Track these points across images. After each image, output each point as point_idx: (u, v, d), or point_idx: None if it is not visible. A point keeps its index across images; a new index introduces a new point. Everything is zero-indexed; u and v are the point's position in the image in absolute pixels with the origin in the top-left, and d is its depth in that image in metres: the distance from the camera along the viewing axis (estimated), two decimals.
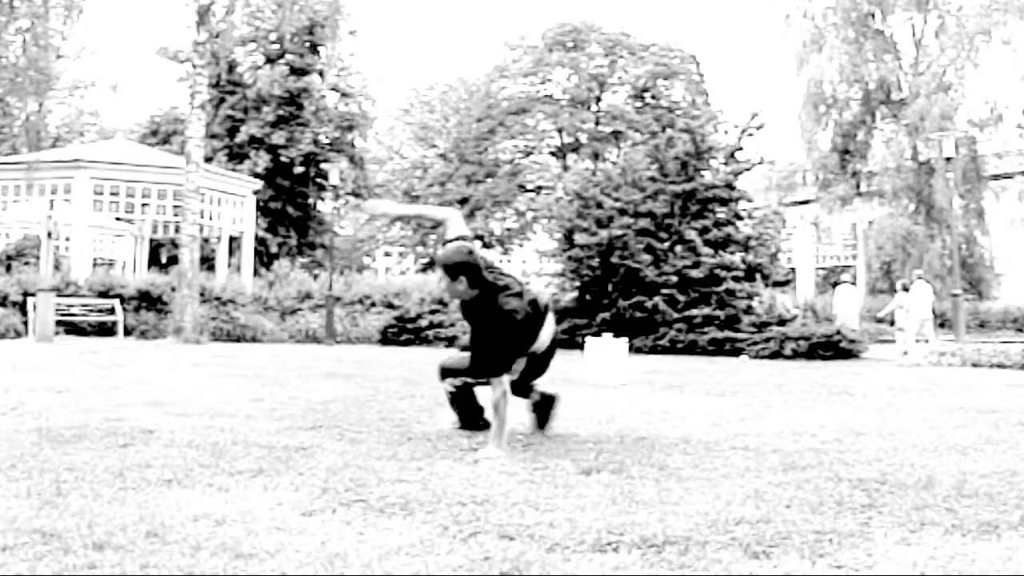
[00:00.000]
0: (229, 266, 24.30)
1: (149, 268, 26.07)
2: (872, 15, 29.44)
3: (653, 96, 43.65)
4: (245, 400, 6.00)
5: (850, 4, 29.07)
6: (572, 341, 14.52)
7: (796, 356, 13.60)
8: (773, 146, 53.05)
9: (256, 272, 24.20)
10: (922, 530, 2.68)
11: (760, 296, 16.31)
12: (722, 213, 16.67)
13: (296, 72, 34.95)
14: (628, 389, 7.50)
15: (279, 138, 34.03)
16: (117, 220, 24.63)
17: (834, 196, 29.97)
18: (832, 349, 13.72)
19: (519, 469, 3.57)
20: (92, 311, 17.90)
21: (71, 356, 10.70)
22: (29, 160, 21.81)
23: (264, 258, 30.49)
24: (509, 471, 3.52)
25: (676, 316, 15.31)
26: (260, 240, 29.92)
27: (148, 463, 3.55)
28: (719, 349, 14.75)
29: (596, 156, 41.97)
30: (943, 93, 27.30)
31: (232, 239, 24.21)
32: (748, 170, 17.29)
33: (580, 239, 15.95)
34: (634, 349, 12.45)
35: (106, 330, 17.65)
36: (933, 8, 28.97)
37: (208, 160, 25.21)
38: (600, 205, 16.26)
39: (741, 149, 17.07)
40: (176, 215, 20.12)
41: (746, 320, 15.39)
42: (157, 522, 2.59)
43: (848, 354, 13.80)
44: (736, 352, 14.46)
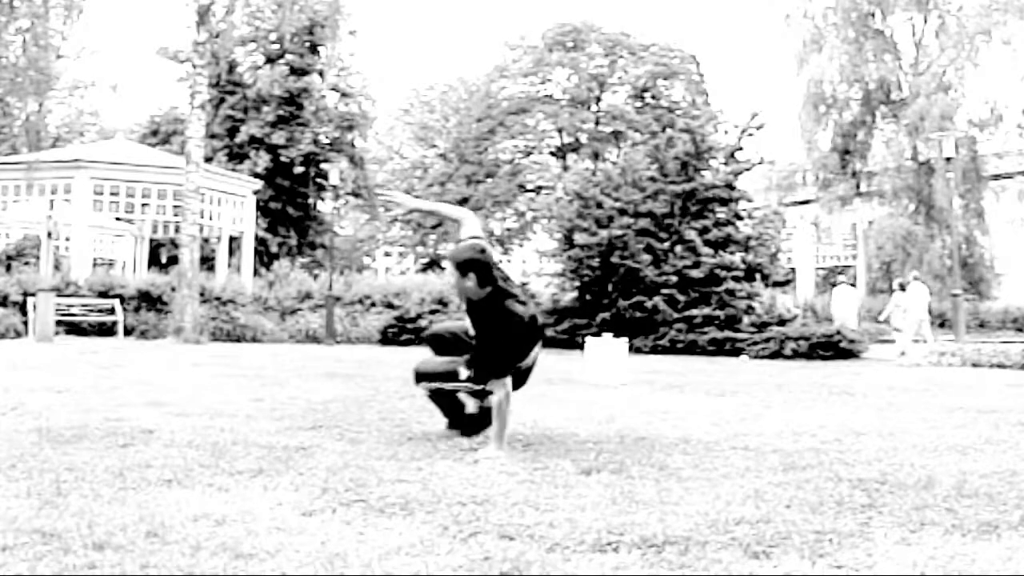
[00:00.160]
0: (229, 266, 24.29)
1: (149, 268, 26.04)
2: (872, 15, 29.43)
3: (653, 96, 43.64)
4: (245, 400, 6.01)
5: (850, 4, 29.06)
6: (572, 341, 14.57)
7: (796, 356, 13.61)
8: (773, 146, 53.08)
9: (256, 272, 24.18)
10: (922, 530, 2.68)
11: (760, 297, 16.30)
12: (722, 213, 16.67)
13: (296, 72, 34.93)
14: (628, 389, 7.50)
15: (279, 138, 34.01)
16: (117, 220, 24.62)
17: (834, 196, 29.98)
18: (832, 349, 13.73)
19: (519, 469, 3.57)
20: (92, 311, 17.89)
21: (71, 356, 10.70)
22: (29, 160, 21.80)
23: (264, 258, 30.46)
24: (509, 471, 3.52)
25: (676, 316, 15.32)
26: (260, 240, 29.90)
27: (148, 463, 3.55)
28: (719, 349, 14.75)
29: (596, 156, 41.96)
30: (943, 93, 27.29)
31: (232, 239, 24.19)
32: (748, 170, 17.29)
33: (580, 239, 15.95)
34: (634, 349, 12.45)
35: (106, 330, 17.64)
36: (933, 8, 28.96)
37: (208, 160, 25.19)
38: (600, 205, 16.26)
39: (741, 149, 17.07)
40: (176, 215, 20.11)
41: (746, 320, 15.40)
42: (157, 522, 2.59)
43: (848, 354, 13.80)
44: (736, 352, 14.46)
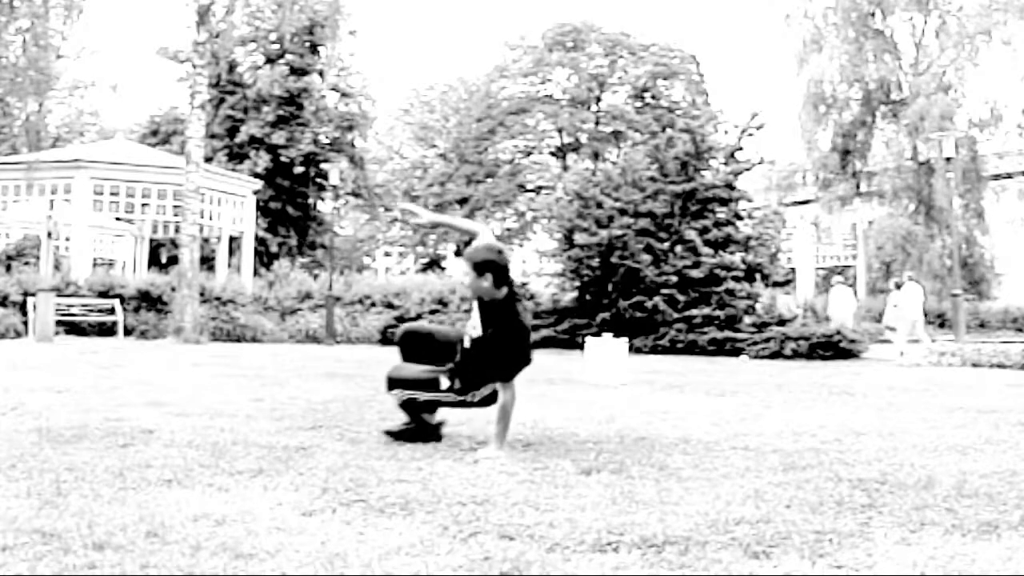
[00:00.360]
0: (229, 266, 24.29)
1: (149, 268, 26.04)
2: (872, 15, 29.41)
3: (653, 96, 43.63)
4: (245, 400, 6.00)
5: (850, 4, 29.04)
6: (572, 341, 14.58)
7: (796, 356, 13.61)
8: (773, 146, 53.13)
9: (256, 272, 24.18)
10: (922, 530, 2.68)
11: (760, 297, 16.30)
12: (722, 213, 16.67)
13: (296, 72, 34.94)
14: (628, 389, 7.50)
15: (279, 138, 34.02)
16: (117, 220, 24.62)
17: (834, 196, 29.99)
18: (832, 349, 13.73)
19: (519, 469, 3.57)
20: (92, 311, 17.89)
21: (71, 356, 10.70)
22: (29, 160, 21.80)
23: (264, 258, 30.47)
24: (509, 471, 3.52)
25: (676, 316, 15.31)
26: (260, 240, 29.90)
27: (148, 463, 3.55)
28: (719, 349, 14.75)
29: (596, 156, 41.95)
30: (943, 93, 27.28)
31: (232, 239, 24.19)
32: (748, 170, 17.28)
33: (580, 239, 15.94)
34: (634, 349, 12.44)
35: (106, 330, 17.64)
36: (933, 8, 28.95)
37: (208, 160, 25.21)
38: (600, 205, 16.26)
39: (741, 149, 17.06)
40: (176, 215, 20.11)
41: (746, 320, 15.40)
42: (157, 522, 2.59)
43: (848, 354, 13.80)
44: (736, 352, 14.46)
